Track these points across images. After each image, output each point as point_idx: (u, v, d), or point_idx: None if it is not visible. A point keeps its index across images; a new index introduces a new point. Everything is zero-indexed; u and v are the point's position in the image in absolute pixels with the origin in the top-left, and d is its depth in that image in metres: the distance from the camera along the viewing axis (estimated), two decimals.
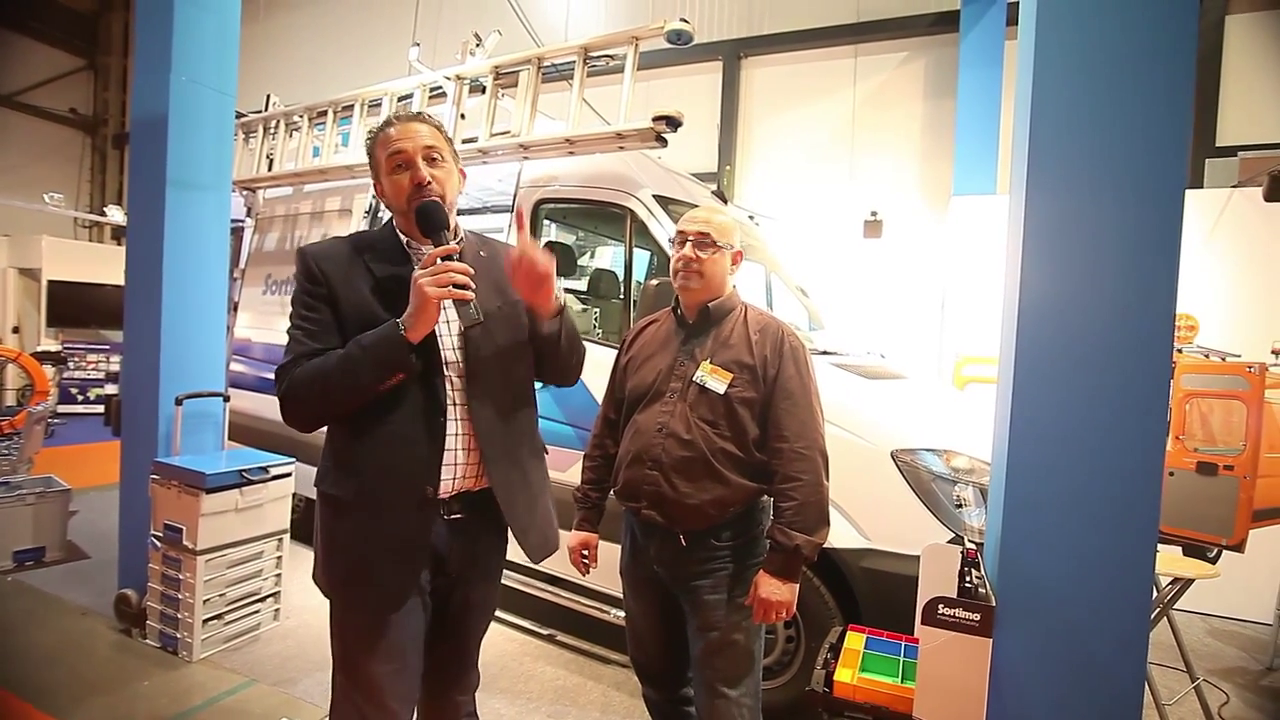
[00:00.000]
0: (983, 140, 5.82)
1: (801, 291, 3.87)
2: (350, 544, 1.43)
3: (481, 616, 1.64)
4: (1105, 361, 1.48)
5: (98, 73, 12.93)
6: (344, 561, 1.44)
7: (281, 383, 1.38)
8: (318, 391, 1.36)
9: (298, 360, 1.38)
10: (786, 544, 1.60)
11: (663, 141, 2.81)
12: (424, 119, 1.47)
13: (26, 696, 2.51)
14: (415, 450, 1.41)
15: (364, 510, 1.41)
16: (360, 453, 1.41)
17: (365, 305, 1.40)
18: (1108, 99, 1.49)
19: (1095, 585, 1.48)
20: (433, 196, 1.41)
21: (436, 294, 1.31)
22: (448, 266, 1.32)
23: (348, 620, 1.47)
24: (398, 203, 1.45)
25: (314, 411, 1.42)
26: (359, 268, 1.44)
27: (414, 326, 1.33)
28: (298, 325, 1.42)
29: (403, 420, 1.40)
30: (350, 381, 1.34)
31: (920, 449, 2.43)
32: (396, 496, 1.40)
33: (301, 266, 1.44)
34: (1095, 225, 1.50)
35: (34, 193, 9.59)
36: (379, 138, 1.46)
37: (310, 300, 1.42)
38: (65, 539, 3.92)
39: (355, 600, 1.44)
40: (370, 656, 1.42)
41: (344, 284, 1.42)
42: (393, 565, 1.41)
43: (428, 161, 1.43)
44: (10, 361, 7.76)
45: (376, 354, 1.33)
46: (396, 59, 5.00)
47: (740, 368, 1.71)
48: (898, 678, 1.78)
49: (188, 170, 3.13)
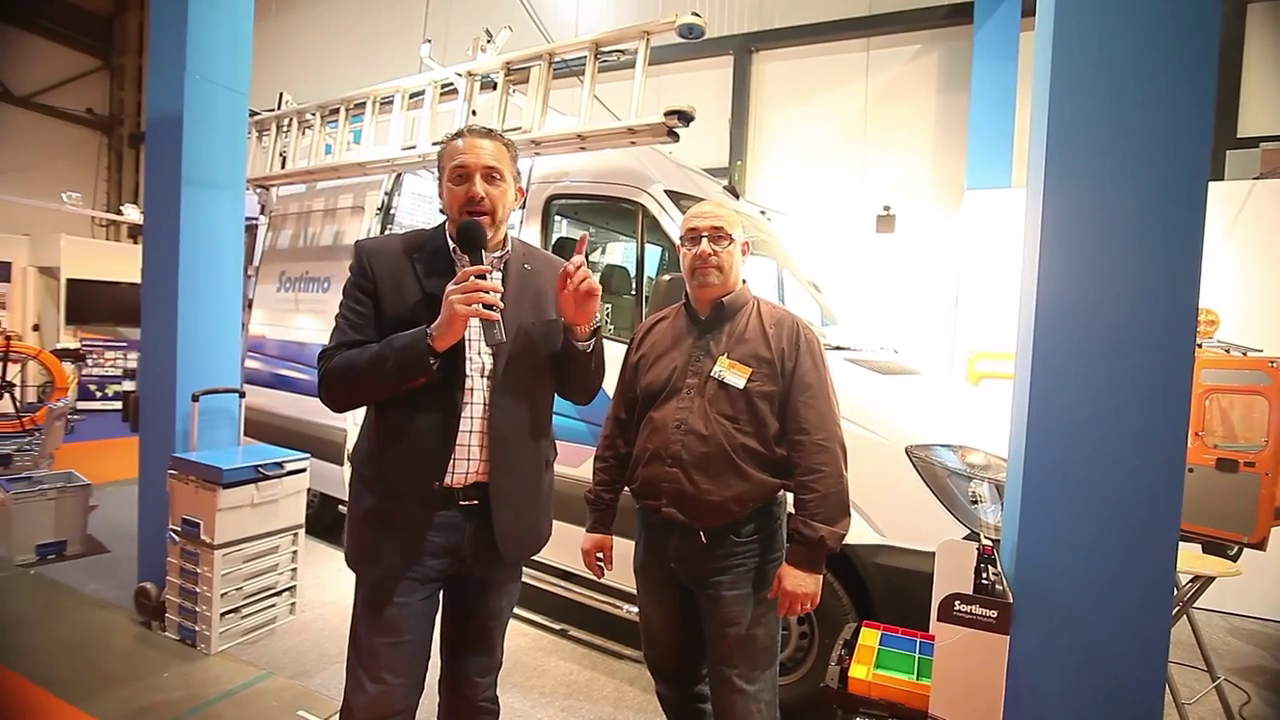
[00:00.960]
0: (997, 134, 5.75)
1: (814, 286, 3.85)
2: (365, 520, 1.56)
3: (498, 598, 1.68)
4: (1126, 357, 1.46)
5: (113, 73, 13.06)
6: (358, 536, 1.58)
7: (321, 365, 1.52)
8: (349, 381, 1.49)
9: (339, 348, 1.51)
10: (810, 536, 1.60)
11: (674, 136, 2.80)
12: (493, 135, 1.56)
13: (49, 687, 2.55)
14: (427, 446, 1.51)
15: (380, 493, 1.54)
16: (383, 442, 1.54)
17: (405, 306, 1.51)
18: (1128, 90, 1.46)
19: (1115, 583, 1.46)
20: (481, 213, 1.50)
21: (464, 311, 1.39)
22: (478, 285, 1.40)
23: (358, 593, 1.59)
24: (451, 210, 1.55)
25: (344, 397, 1.55)
26: (406, 268, 1.54)
27: (441, 337, 1.41)
28: (344, 315, 1.54)
29: (421, 416, 1.51)
30: (376, 377, 1.45)
31: (935, 445, 2.41)
32: (407, 486, 1.52)
33: (355, 260, 1.56)
34: (1115, 219, 1.47)
35: (52, 192, 9.71)
36: (448, 147, 1.56)
37: (358, 294, 1.54)
38: (86, 533, 3.98)
39: (362, 573, 1.57)
40: (369, 628, 1.54)
41: (389, 282, 1.52)
42: (396, 546, 1.52)
43: (486, 179, 1.51)
44: (31, 358, 7.89)
45: (402, 358, 1.42)
46: (408, 55, 5.02)
47: (758, 361, 1.70)
48: (913, 674, 1.76)
49: (202, 168, 3.16)
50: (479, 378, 1.54)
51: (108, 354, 9.46)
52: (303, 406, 4.21)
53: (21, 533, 3.72)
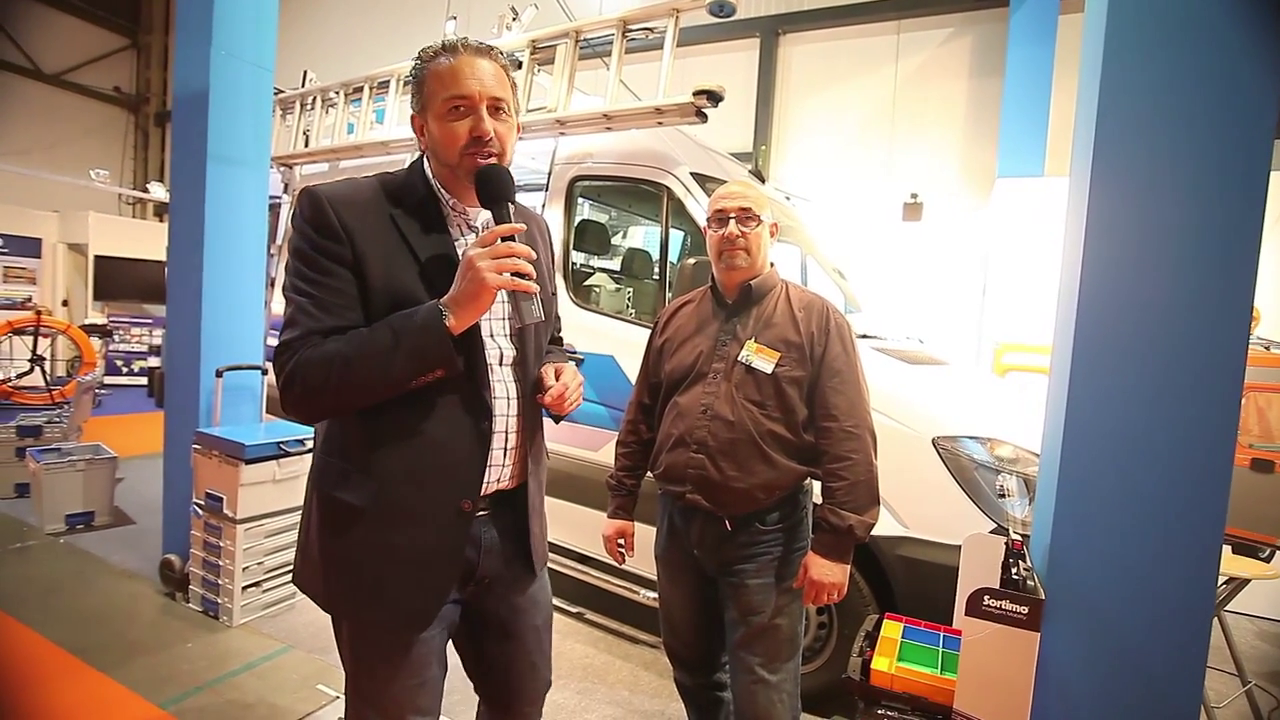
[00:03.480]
0: (1031, 120, 5.60)
1: (838, 273, 3.79)
2: (361, 559, 1.19)
3: (534, 615, 1.40)
4: (1174, 355, 1.40)
5: (140, 51, 13.17)
6: (352, 579, 1.20)
7: (284, 363, 1.10)
8: (335, 382, 1.08)
9: (307, 337, 1.09)
10: (839, 524, 1.57)
11: (703, 117, 2.74)
12: (493, 56, 1.19)
13: (80, 654, 2.61)
14: (454, 458, 1.19)
15: (381, 520, 1.17)
16: (381, 454, 1.16)
17: (397, 278, 1.14)
18: (1186, 70, 1.39)
19: (1154, 585, 1.42)
20: (491, 154, 1.16)
21: (497, 282, 1.08)
22: (511, 249, 1.09)
23: (358, 641, 1.26)
24: (447, 153, 1.16)
25: (326, 403, 1.13)
26: (387, 226, 1.15)
27: (460, 316, 1.09)
28: (305, 291, 1.11)
29: (439, 421, 1.17)
30: (378, 375, 1.09)
31: (963, 436, 2.36)
32: (425, 508, 1.18)
33: (313, 213, 1.12)
34: (1167, 209, 1.41)
35: (81, 169, 9.84)
36: (433, 66, 1.16)
37: (325, 262, 1.11)
38: (113, 504, 4.06)
39: (369, 621, 1.22)
40: (389, 675, 1.23)
41: (372, 245, 1.12)
42: (414, 582, 1.19)
43: (492, 113, 1.16)
44: (60, 333, 8.05)
45: (412, 344, 1.08)
46: (432, 33, 4.97)
47: (787, 346, 1.66)
48: (937, 668, 1.73)
49: (228, 145, 3.17)
50: (498, 367, 1.23)
51: (134, 330, 9.63)
52: None
53: (52, 502, 3.81)
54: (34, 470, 3.86)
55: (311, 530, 1.26)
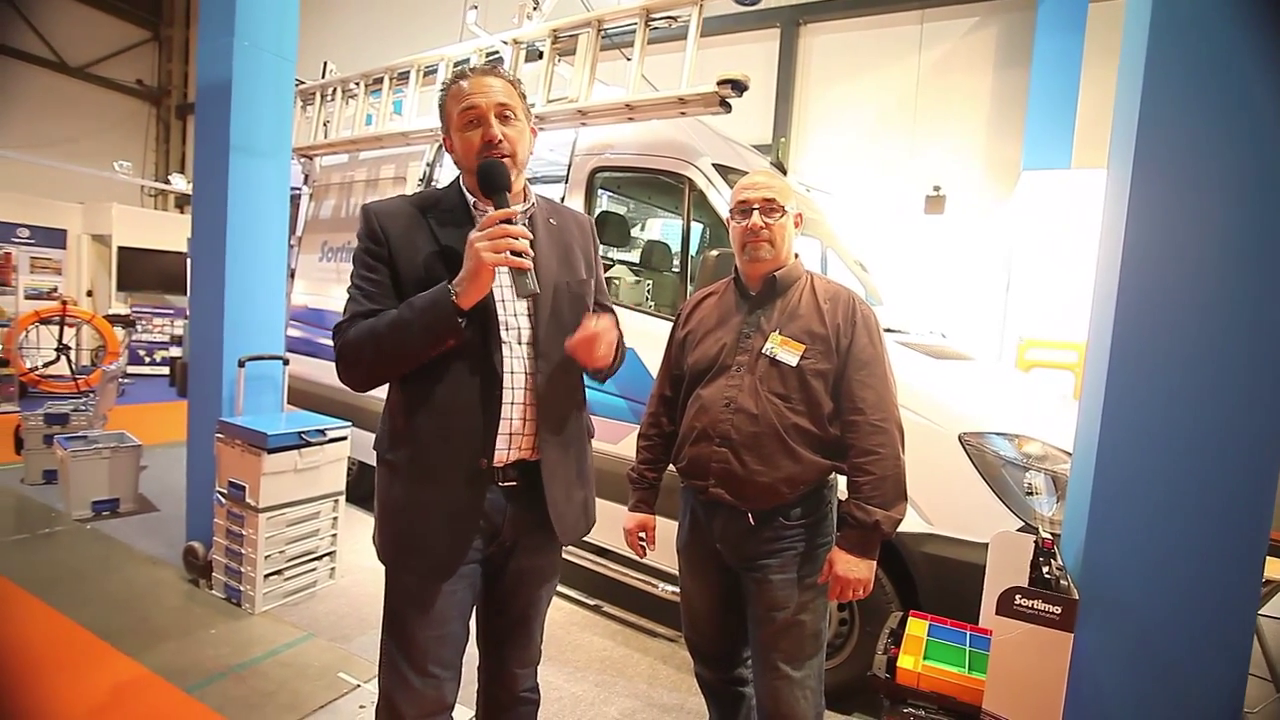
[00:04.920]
0: (1058, 111, 5.48)
1: (860, 266, 3.74)
2: (401, 510, 1.42)
3: (538, 585, 1.58)
4: (1216, 351, 1.35)
5: (161, 44, 13.30)
6: (395, 527, 1.44)
7: (336, 342, 1.38)
8: (369, 353, 1.34)
9: (354, 320, 1.36)
10: (865, 520, 1.54)
11: (726, 107, 2.71)
12: (498, 73, 1.42)
13: (106, 637, 2.65)
14: (469, 421, 1.38)
15: (416, 478, 1.40)
16: (414, 420, 1.39)
17: (425, 267, 1.37)
18: (1236, 60, 1.33)
19: (1195, 589, 1.38)
20: (502, 155, 1.37)
21: (492, 260, 1.25)
22: (505, 230, 1.27)
23: (396, 585, 1.46)
24: (466, 160, 1.40)
25: (366, 373, 1.39)
26: (422, 228, 1.40)
27: (466, 292, 1.27)
28: (357, 284, 1.40)
29: (458, 389, 1.37)
30: (399, 345, 1.32)
31: (990, 433, 2.32)
32: (448, 466, 1.38)
33: (364, 225, 1.41)
34: (1213, 203, 1.35)
35: (104, 161, 9.97)
36: (451, 91, 1.41)
37: (370, 260, 1.39)
38: (137, 492, 4.13)
39: (403, 566, 1.44)
40: (416, 622, 1.42)
41: (405, 244, 1.38)
42: (442, 534, 1.39)
43: (500, 119, 1.38)
44: (85, 323, 8.18)
45: (425, 318, 1.29)
46: (453, 22, 4.96)
47: (812, 338, 1.63)
48: (964, 668, 1.71)
49: (250, 135, 3.18)
50: (516, 344, 1.41)
51: (156, 320, 9.77)
52: None
53: (79, 489, 3.87)
54: (62, 457, 3.93)
55: (376, 489, 1.50)
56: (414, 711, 1.42)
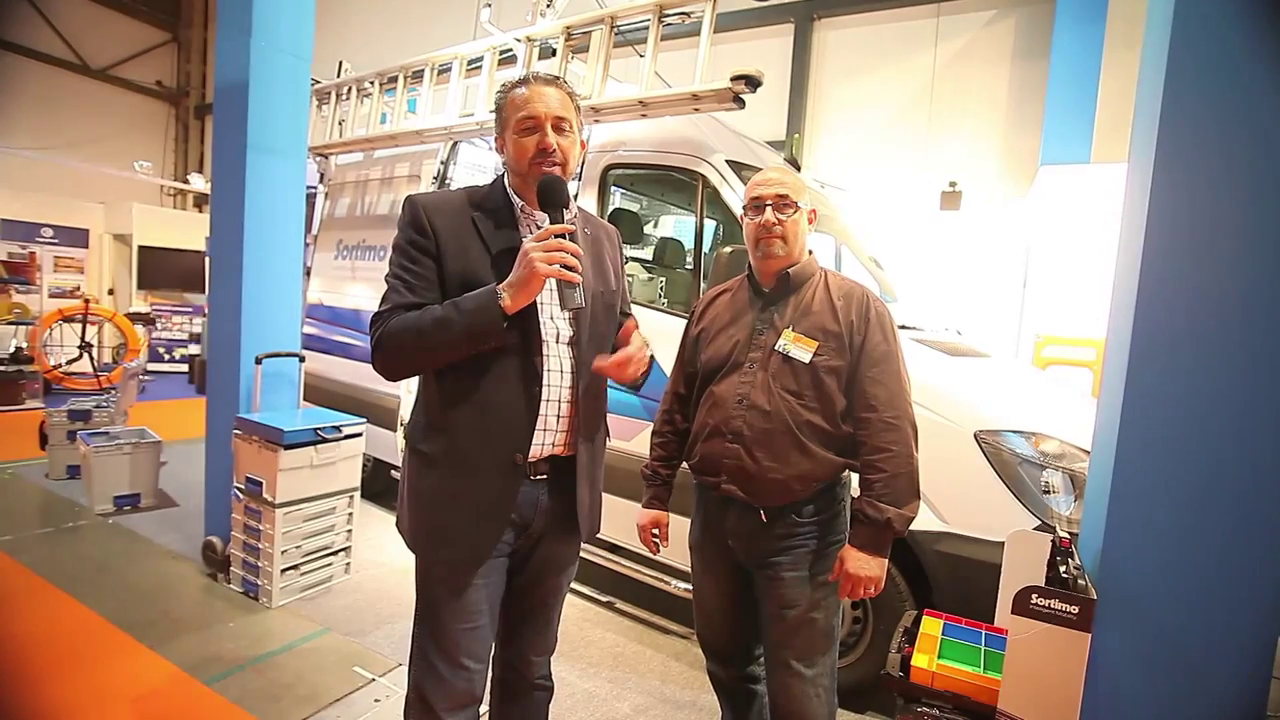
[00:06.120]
0: (1078, 105, 5.40)
1: (875, 263, 3.71)
2: (434, 501, 1.45)
3: (559, 573, 1.63)
4: (1240, 350, 1.32)
5: (180, 46, 13.48)
6: (427, 518, 1.46)
7: (376, 330, 1.39)
8: (410, 347, 1.37)
9: (395, 310, 1.38)
10: (876, 518, 1.54)
11: (741, 103, 2.70)
12: (559, 84, 1.45)
13: (127, 629, 2.70)
14: (509, 416, 1.41)
15: (450, 469, 1.43)
16: (452, 412, 1.42)
17: (470, 265, 1.40)
18: (1262, 51, 1.30)
19: (1216, 591, 1.35)
20: (555, 165, 1.41)
21: (545, 271, 1.29)
22: (562, 245, 1.31)
23: (430, 576, 1.49)
24: (519, 164, 1.43)
25: (404, 364, 1.44)
26: (468, 226, 1.43)
27: (515, 297, 1.31)
28: (399, 275, 1.41)
29: (498, 385, 1.40)
30: (440, 343, 1.35)
31: (1006, 431, 2.30)
32: (484, 459, 1.41)
33: (410, 215, 1.43)
34: (1239, 196, 1.32)
35: (125, 162, 10.13)
36: (511, 95, 1.45)
37: (414, 252, 1.41)
38: (157, 487, 4.19)
39: (436, 557, 1.47)
40: (449, 614, 1.44)
41: (452, 240, 1.41)
42: (474, 526, 1.42)
43: (555, 130, 1.41)
44: (107, 321, 8.32)
45: (470, 320, 1.32)
46: (467, 20, 4.97)
47: (825, 335, 1.63)
48: (979, 667, 1.69)
49: (267, 134, 3.21)
50: (554, 344, 1.45)
51: (175, 318, 9.90)
52: (358, 373, 4.31)
53: (101, 484, 3.94)
54: (84, 453, 4.00)
55: (404, 479, 1.52)
56: (444, 703, 1.45)
